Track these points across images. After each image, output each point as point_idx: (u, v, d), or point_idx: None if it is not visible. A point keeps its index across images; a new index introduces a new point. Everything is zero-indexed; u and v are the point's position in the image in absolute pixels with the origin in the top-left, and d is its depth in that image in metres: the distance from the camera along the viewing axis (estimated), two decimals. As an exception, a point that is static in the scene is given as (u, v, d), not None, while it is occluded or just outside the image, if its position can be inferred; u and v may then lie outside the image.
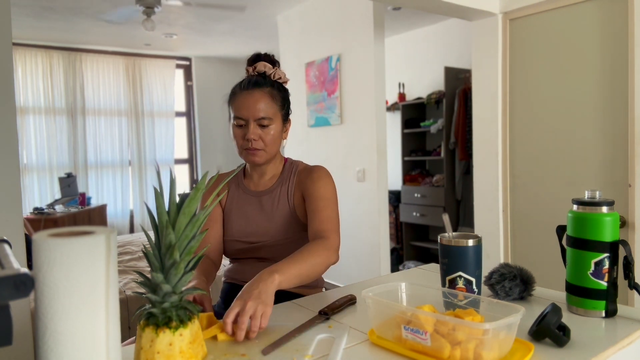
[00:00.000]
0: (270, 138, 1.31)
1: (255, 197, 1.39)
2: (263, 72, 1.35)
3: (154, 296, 0.76)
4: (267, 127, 1.30)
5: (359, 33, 3.70)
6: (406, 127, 5.01)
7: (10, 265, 0.53)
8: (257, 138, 1.29)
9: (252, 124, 1.28)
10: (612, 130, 2.27)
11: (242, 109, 1.29)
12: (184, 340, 0.75)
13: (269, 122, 1.29)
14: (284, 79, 1.38)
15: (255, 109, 1.28)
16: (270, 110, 1.30)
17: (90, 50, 5.63)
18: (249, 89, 1.30)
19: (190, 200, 0.77)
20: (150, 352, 0.74)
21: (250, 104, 1.28)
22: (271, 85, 1.33)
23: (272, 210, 1.36)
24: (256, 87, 1.30)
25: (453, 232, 1.01)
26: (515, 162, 2.69)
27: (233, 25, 4.88)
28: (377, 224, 3.66)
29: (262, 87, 1.31)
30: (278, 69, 1.38)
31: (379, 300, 0.87)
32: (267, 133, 1.30)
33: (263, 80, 1.33)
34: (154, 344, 0.74)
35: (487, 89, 2.79)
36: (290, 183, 1.38)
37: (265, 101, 1.29)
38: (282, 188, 1.38)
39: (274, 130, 1.31)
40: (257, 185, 1.41)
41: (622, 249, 0.96)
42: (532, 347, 0.80)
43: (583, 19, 2.35)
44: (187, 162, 6.59)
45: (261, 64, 1.35)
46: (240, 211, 1.39)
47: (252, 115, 1.28)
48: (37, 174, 5.37)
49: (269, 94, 1.31)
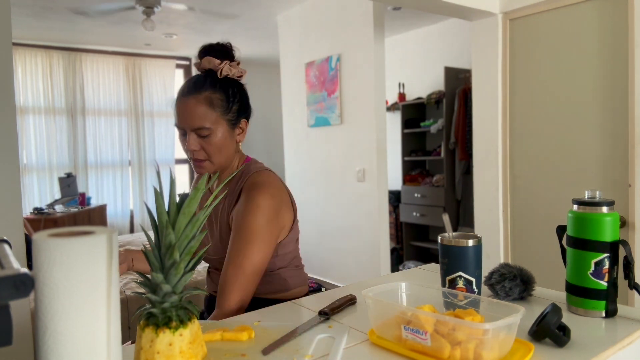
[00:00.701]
0: (213, 148, 1.18)
1: (208, 194, 1.31)
2: (207, 69, 1.22)
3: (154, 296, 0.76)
4: (208, 136, 1.16)
5: (359, 33, 3.70)
6: (406, 127, 5.01)
7: (10, 265, 0.53)
8: (197, 148, 1.17)
9: (190, 135, 1.16)
10: (612, 130, 2.27)
11: (179, 117, 1.18)
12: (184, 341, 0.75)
13: (207, 131, 1.16)
14: (235, 74, 1.22)
15: (191, 118, 1.15)
16: (209, 119, 1.16)
17: (90, 50, 5.63)
18: (184, 97, 1.17)
19: (190, 200, 0.77)
20: (150, 352, 0.74)
21: (185, 112, 1.16)
22: (212, 86, 1.18)
23: (215, 222, 1.28)
24: (192, 93, 1.17)
25: (453, 232, 1.01)
26: (515, 162, 2.69)
27: (233, 26, 4.88)
28: (377, 224, 3.66)
29: (199, 92, 1.16)
30: (227, 64, 1.21)
31: (379, 300, 0.86)
32: (209, 143, 1.17)
33: (202, 83, 1.18)
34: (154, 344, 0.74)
35: (487, 89, 2.79)
36: (233, 197, 1.24)
37: (202, 109, 1.15)
38: (226, 200, 1.25)
39: (216, 138, 1.17)
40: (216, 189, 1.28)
41: (622, 249, 0.96)
42: (532, 347, 0.80)
43: (583, 19, 2.35)
44: (187, 162, 6.59)
45: (205, 60, 1.22)
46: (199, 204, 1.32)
47: (188, 125, 1.16)
48: (37, 174, 5.37)
49: (205, 101, 1.16)
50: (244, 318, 1.04)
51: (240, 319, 1.03)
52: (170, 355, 0.74)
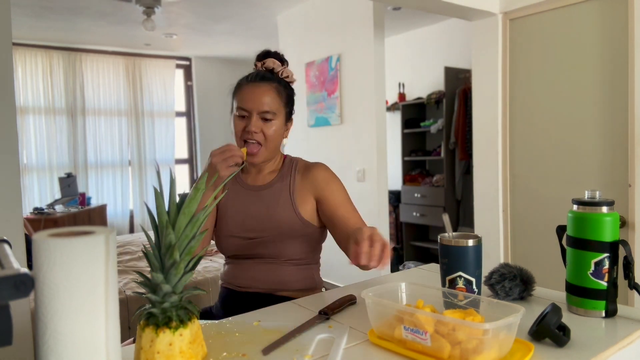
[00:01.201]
0: (271, 132, 1.29)
1: (254, 192, 1.37)
2: (271, 68, 1.35)
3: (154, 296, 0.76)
4: (270, 121, 1.29)
5: (359, 33, 3.70)
6: (406, 127, 5.01)
7: (10, 265, 0.53)
8: (258, 131, 1.27)
9: (254, 116, 1.27)
10: (612, 130, 2.27)
11: (247, 100, 1.28)
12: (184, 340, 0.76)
13: (272, 116, 1.28)
14: (291, 79, 1.38)
15: (260, 101, 1.27)
16: (275, 105, 1.29)
17: (90, 50, 5.63)
18: (255, 82, 1.30)
19: (190, 200, 0.77)
20: (150, 352, 0.74)
21: (255, 96, 1.28)
22: (278, 81, 1.33)
23: (272, 205, 1.34)
24: (263, 80, 1.30)
25: (453, 232, 1.01)
26: (515, 162, 2.69)
27: (233, 25, 4.88)
28: (377, 224, 3.65)
29: (269, 82, 1.30)
30: (286, 68, 1.38)
31: (378, 300, 0.87)
32: (269, 127, 1.29)
33: (270, 76, 1.33)
34: (154, 344, 0.74)
35: (487, 89, 2.79)
36: (292, 179, 1.36)
37: (271, 95, 1.29)
38: (282, 183, 1.36)
39: (275, 126, 1.30)
40: (255, 180, 1.39)
41: (622, 249, 0.96)
42: (532, 347, 0.80)
43: (583, 19, 2.35)
44: (187, 162, 6.59)
45: (270, 61, 1.35)
46: (238, 206, 1.36)
47: (256, 107, 1.27)
48: (37, 174, 5.37)
49: (275, 89, 1.30)
50: (244, 318, 1.04)
51: (241, 319, 1.03)
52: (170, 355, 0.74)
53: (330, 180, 1.35)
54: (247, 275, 1.35)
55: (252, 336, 0.92)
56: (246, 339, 0.91)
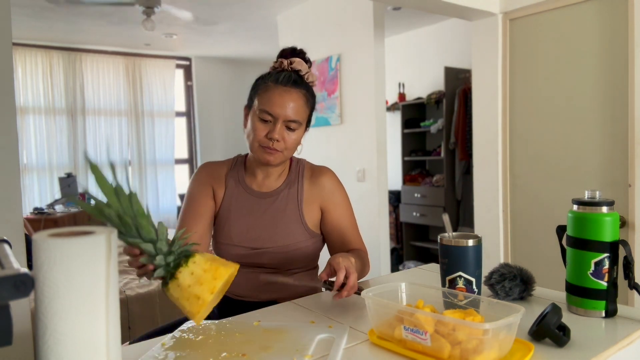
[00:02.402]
0: (292, 142, 1.22)
1: (260, 199, 1.29)
2: (298, 70, 1.25)
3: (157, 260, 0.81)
4: (294, 130, 1.21)
5: (359, 33, 3.70)
6: (406, 127, 5.01)
7: (10, 265, 0.53)
8: (280, 139, 1.20)
9: (279, 124, 1.19)
10: (612, 130, 2.27)
11: (275, 105, 1.18)
12: (201, 263, 0.82)
13: (297, 126, 1.21)
14: (314, 82, 1.29)
15: (289, 108, 1.19)
16: (301, 115, 1.22)
17: (90, 50, 5.63)
18: (287, 86, 1.20)
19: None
20: (185, 292, 0.80)
21: (285, 102, 1.19)
22: (306, 87, 1.24)
23: (279, 215, 1.27)
24: (295, 86, 1.21)
25: (453, 232, 1.01)
26: (515, 162, 2.69)
27: (233, 25, 4.88)
28: (377, 224, 3.65)
29: (299, 88, 1.22)
30: (311, 72, 1.28)
31: (378, 300, 0.87)
32: (291, 136, 1.22)
33: (300, 81, 1.23)
34: (182, 283, 0.80)
35: (487, 89, 2.79)
36: (300, 186, 1.30)
37: (300, 103, 1.21)
38: (290, 191, 1.29)
39: (297, 135, 1.23)
40: (260, 186, 1.31)
41: (622, 249, 0.96)
42: (532, 347, 0.80)
43: (583, 19, 2.35)
44: (187, 162, 6.59)
45: (298, 62, 1.26)
46: (242, 213, 1.29)
47: (283, 114, 1.19)
48: (37, 174, 5.37)
49: (304, 97, 1.23)
50: (244, 318, 1.04)
51: (241, 319, 1.03)
52: (199, 277, 0.80)
53: (335, 190, 1.33)
54: (248, 285, 1.28)
55: (252, 336, 0.92)
56: (246, 339, 0.91)
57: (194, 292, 0.79)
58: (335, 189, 1.33)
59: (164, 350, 0.87)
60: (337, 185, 1.35)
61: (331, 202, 1.31)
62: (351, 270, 1.01)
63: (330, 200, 1.31)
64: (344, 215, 1.33)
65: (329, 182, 1.33)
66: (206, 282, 0.79)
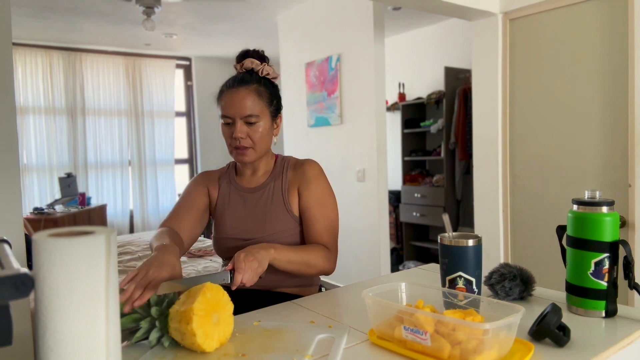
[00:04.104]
0: (258, 135, 1.29)
1: (249, 194, 1.38)
2: (250, 68, 1.34)
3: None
4: (255, 124, 1.28)
5: (359, 33, 3.70)
6: (406, 127, 5.01)
7: (10, 265, 0.53)
8: (244, 136, 1.28)
9: (238, 122, 1.27)
10: (612, 130, 2.27)
11: (228, 107, 1.28)
12: (175, 318, 0.86)
13: (256, 119, 1.28)
14: (272, 75, 1.36)
15: (241, 106, 1.27)
16: (257, 108, 1.28)
17: (90, 50, 5.63)
18: (234, 87, 1.29)
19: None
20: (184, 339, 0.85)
21: (236, 101, 1.27)
22: (258, 82, 1.31)
23: (267, 205, 1.35)
24: (242, 84, 1.29)
25: (453, 232, 1.01)
26: (515, 162, 2.69)
27: (233, 25, 4.88)
28: (377, 224, 3.65)
29: (248, 84, 1.29)
30: (266, 65, 1.35)
31: (378, 300, 0.87)
32: (255, 130, 1.28)
33: (249, 77, 1.31)
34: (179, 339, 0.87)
35: (487, 89, 2.79)
36: (284, 178, 1.37)
37: (252, 98, 1.28)
38: (275, 183, 1.37)
39: (262, 128, 1.29)
40: (249, 182, 1.40)
41: (622, 249, 0.96)
42: (532, 347, 0.80)
43: (583, 19, 2.35)
44: (187, 162, 6.59)
45: (248, 61, 1.34)
46: (234, 209, 1.38)
47: (238, 113, 1.27)
48: (37, 174, 5.37)
49: (255, 91, 1.29)
50: (244, 318, 1.04)
51: (241, 319, 1.03)
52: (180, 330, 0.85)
53: (314, 178, 1.35)
54: None
55: (252, 336, 0.92)
56: (246, 339, 0.91)
57: (189, 341, 0.85)
58: (314, 178, 1.35)
59: (164, 351, 0.87)
60: (317, 174, 1.37)
61: (306, 188, 1.34)
62: (240, 267, 1.04)
63: (305, 186, 1.34)
64: (315, 202, 1.33)
65: (310, 169, 1.36)
66: (187, 333, 0.84)
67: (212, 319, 0.85)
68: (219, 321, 0.87)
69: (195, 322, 0.82)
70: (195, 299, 0.85)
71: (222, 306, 0.89)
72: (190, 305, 0.84)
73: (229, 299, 0.91)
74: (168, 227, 1.31)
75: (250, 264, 1.05)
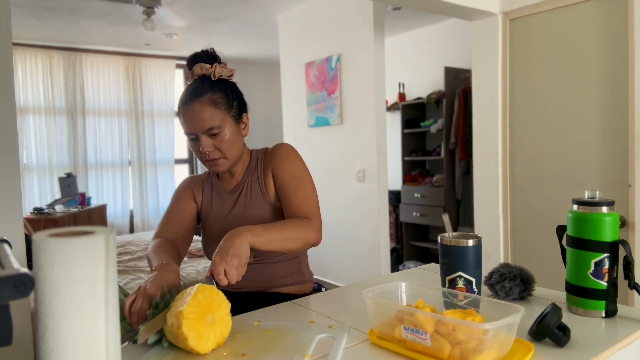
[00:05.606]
0: (225, 145, 1.25)
1: (230, 195, 1.37)
2: (202, 74, 1.28)
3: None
4: (218, 134, 1.24)
5: (359, 33, 3.70)
6: (406, 127, 5.01)
7: (10, 265, 0.53)
8: (211, 149, 1.24)
9: (202, 137, 1.23)
10: (612, 130, 2.27)
11: (188, 124, 1.24)
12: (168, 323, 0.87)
13: (218, 129, 1.23)
14: (227, 74, 1.30)
15: (199, 121, 1.21)
16: (216, 118, 1.23)
17: (90, 50, 5.63)
18: (189, 103, 1.23)
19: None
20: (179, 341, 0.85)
21: (193, 117, 1.22)
22: (211, 89, 1.25)
23: (246, 202, 1.34)
24: (195, 98, 1.23)
25: (453, 232, 1.01)
26: (515, 162, 2.69)
27: (233, 25, 4.88)
28: (377, 224, 3.66)
29: (201, 96, 1.23)
30: (217, 66, 1.29)
31: (378, 300, 0.87)
32: (221, 141, 1.24)
33: (201, 87, 1.25)
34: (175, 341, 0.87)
35: (487, 89, 2.79)
36: (259, 170, 1.35)
37: (208, 110, 1.22)
38: (252, 177, 1.36)
39: (227, 136, 1.25)
40: (229, 184, 1.39)
41: (622, 249, 0.96)
42: (532, 347, 0.80)
43: (583, 19, 2.35)
44: (187, 162, 6.59)
45: (197, 67, 1.28)
46: (215, 212, 1.38)
47: (198, 128, 1.22)
48: (37, 174, 5.37)
49: (209, 102, 1.23)
50: (244, 318, 1.04)
51: (241, 319, 1.03)
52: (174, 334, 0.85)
53: (285, 157, 1.32)
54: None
55: (252, 336, 0.92)
56: (246, 339, 0.91)
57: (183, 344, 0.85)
58: (284, 157, 1.32)
59: (163, 350, 0.87)
60: (287, 153, 1.33)
61: (278, 167, 1.32)
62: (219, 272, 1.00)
63: (278, 166, 1.32)
64: (290, 180, 1.29)
65: (279, 149, 1.34)
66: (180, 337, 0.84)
67: (205, 320, 0.85)
68: (214, 321, 0.86)
69: (185, 326, 0.82)
70: (186, 301, 0.85)
71: (216, 306, 0.88)
72: (179, 308, 0.84)
73: (224, 298, 0.90)
74: (163, 238, 1.29)
75: (228, 264, 1.00)
